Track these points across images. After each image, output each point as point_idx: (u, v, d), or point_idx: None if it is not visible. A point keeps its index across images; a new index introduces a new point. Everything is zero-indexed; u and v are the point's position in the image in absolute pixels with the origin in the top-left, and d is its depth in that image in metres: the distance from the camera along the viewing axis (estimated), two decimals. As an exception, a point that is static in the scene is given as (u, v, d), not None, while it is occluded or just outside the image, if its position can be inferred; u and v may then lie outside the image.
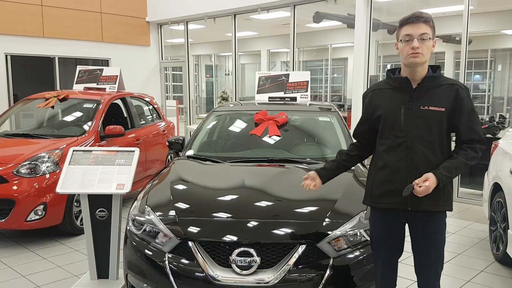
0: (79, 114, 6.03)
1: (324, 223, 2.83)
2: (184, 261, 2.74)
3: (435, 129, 2.36)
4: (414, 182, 2.28)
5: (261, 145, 4.17)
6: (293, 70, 8.97)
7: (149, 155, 6.45)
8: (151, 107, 7.28)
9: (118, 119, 6.46)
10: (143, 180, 5.98)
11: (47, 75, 10.02)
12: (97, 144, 5.38)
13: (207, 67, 20.62)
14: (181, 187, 3.42)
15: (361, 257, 2.76)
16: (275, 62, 18.04)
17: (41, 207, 4.61)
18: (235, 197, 3.22)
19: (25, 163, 4.66)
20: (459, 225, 5.46)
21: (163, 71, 11.94)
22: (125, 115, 6.57)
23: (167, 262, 2.76)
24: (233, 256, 2.66)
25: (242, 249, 2.67)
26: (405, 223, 2.49)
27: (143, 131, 6.55)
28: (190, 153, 4.15)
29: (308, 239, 2.73)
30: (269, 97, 5.18)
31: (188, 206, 3.10)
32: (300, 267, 2.66)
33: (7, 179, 4.54)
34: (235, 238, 2.74)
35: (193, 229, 2.83)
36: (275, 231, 2.79)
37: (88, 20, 10.26)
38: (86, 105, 6.08)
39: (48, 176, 4.69)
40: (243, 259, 2.65)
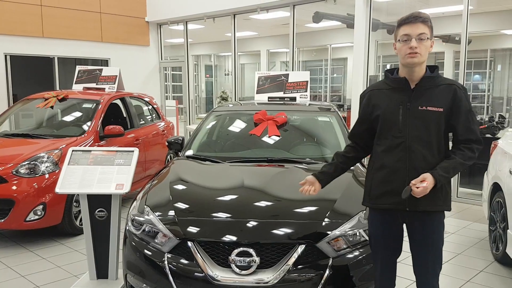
0: (78, 114, 6.03)
1: (323, 223, 2.83)
2: (183, 261, 2.74)
3: (433, 129, 2.36)
4: (411, 182, 2.28)
5: (260, 145, 4.16)
6: (292, 70, 8.98)
7: (148, 155, 6.45)
8: (150, 107, 7.27)
9: (117, 119, 6.46)
10: (142, 180, 5.97)
11: (47, 75, 10.02)
12: (97, 144, 5.38)
13: (207, 67, 20.63)
14: (180, 187, 3.41)
15: (360, 257, 2.76)
16: (275, 62, 18.04)
17: (41, 207, 4.61)
18: (234, 197, 3.21)
19: (24, 163, 4.66)
20: (458, 225, 5.46)
21: (163, 71, 11.94)
22: (125, 115, 6.57)
23: (166, 262, 2.76)
24: (233, 256, 2.66)
25: (241, 249, 2.67)
26: (403, 223, 2.49)
27: (143, 131, 6.54)
28: (189, 153, 4.14)
29: (307, 239, 2.73)
30: (269, 97, 5.17)
31: (187, 206, 3.10)
32: (299, 267, 2.66)
33: (6, 179, 4.54)
34: (234, 238, 2.74)
35: (192, 229, 2.83)
36: (275, 231, 2.79)
37: (87, 20, 10.26)
38: (85, 105, 6.08)
39: (47, 176, 4.69)
40: (242, 259, 2.65)
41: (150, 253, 2.86)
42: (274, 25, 12.42)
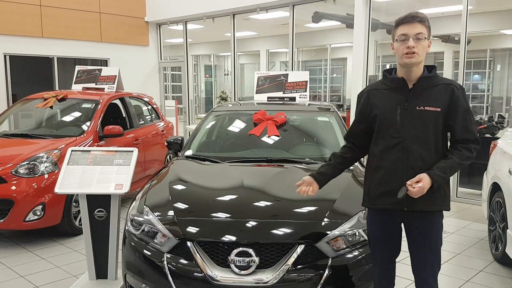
0: (77, 114, 6.02)
1: (323, 223, 2.83)
2: (182, 261, 2.74)
3: (431, 129, 2.36)
4: (406, 183, 2.28)
5: (260, 145, 4.16)
6: (292, 70, 8.98)
7: (148, 155, 6.45)
8: (150, 107, 7.27)
9: (117, 119, 6.45)
10: (142, 180, 5.97)
11: (46, 75, 10.01)
12: (96, 144, 5.37)
13: (206, 67, 20.64)
14: (179, 187, 3.41)
15: (359, 257, 2.76)
16: (274, 62, 18.05)
17: (40, 207, 4.61)
18: (234, 197, 3.21)
19: (23, 163, 4.65)
20: (458, 225, 5.46)
21: (162, 71, 11.94)
22: (124, 115, 6.57)
23: (165, 262, 2.76)
24: (232, 256, 2.66)
25: (240, 249, 2.67)
26: (402, 223, 2.49)
27: (142, 131, 6.54)
28: (189, 153, 4.14)
29: (307, 239, 2.73)
30: (268, 97, 5.17)
31: (186, 206, 3.10)
32: (299, 267, 2.66)
33: (5, 179, 4.54)
34: (233, 238, 2.74)
35: (191, 229, 2.83)
36: (274, 231, 2.78)
37: (87, 20, 10.25)
38: (84, 105, 6.07)
39: (46, 176, 4.69)
40: (241, 259, 2.65)
41: (149, 253, 2.86)
42: (273, 25, 12.42)
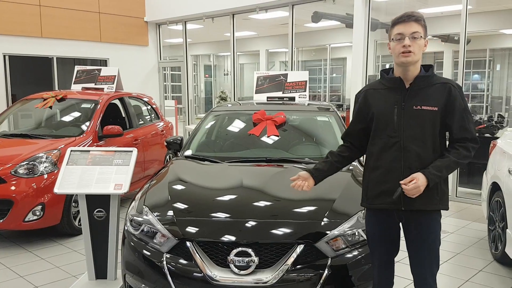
0: (77, 114, 6.02)
1: (322, 223, 2.83)
2: (182, 261, 2.74)
3: (429, 129, 2.36)
4: (400, 182, 2.29)
5: (259, 145, 4.16)
6: (291, 70, 8.98)
7: (147, 155, 6.45)
8: (149, 107, 7.27)
9: (116, 119, 6.45)
10: (141, 180, 5.97)
11: (46, 75, 10.01)
12: (95, 144, 5.37)
13: (206, 67, 20.64)
14: (179, 187, 3.41)
15: (359, 257, 2.76)
16: (274, 62, 18.06)
17: (39, 207, 4.60)
18: (233, 197, 3.21)
19: (23, 164, 4.65)
20: (457, 224, 5.46)
21: (162, 71, 11.93)
22: (123, 115, 6.56)
23: (165, 262, 2.76)
24: (231, 256, 2.66)
25: (240, 249, 2.67)
26: (400, 223, 2.49)
27: (142, 131, 6.54)
28: (188, 153, 4.14)
29: (306, 239, 2.73)
30: (268, 97, 5.17)
31: (186, 206, 3.09)
32: (298, 267, 2.66)
33: (5, 179, 4.53)
34: (233, 238, 2.73)
35: (191, 229, 2.82)
36: (273, 231, 2.78)
37: (86, 20, 10.25)
38: (84, 105, 6.07)
39: (46, 176, 4.69)
40: (241, 259, 2.64)
41: (148, 253, 2.86)
42: (273, 25, 12.42)
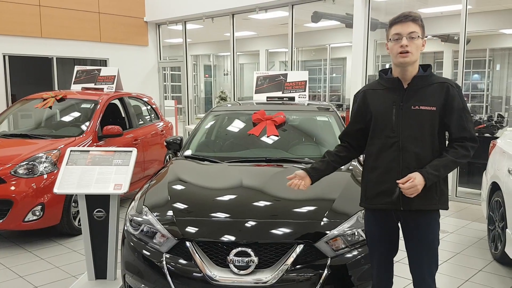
0: (77, 114, 6.02)
1: (322, 223, 2.83)
2: (181, 261, 2.74)
3: (427, 129, 2.35)
4: (397, 181, 2.29)
5: (259, 145, 4.16)
6: (291, 70, 8.97)
7: (147, 155, 6.45)
8: (149, 107, 7.27)
9: (116, 119, 6.45)
10: (141, 180, 5.97)
11: (45, 75, 10.01)
12: (95, 144, 5.37)
13: (206, 67, 20.65)
14: (179, 187, 3.41)
15: (358, 257, 2.76)
16: (274, 62, 18.06)
17: (39, 207, 4.60)
18: (233, 197, 3.21)
19: (22, 164, 4.65)
20: (457, 224, 5.46)
21: (162, 71, 11.93)
22: (123, 115, 6.56)
23: (164, 262, 2.76)
24: (231, 256, 2.65)
25: (240, 249, 2.67)
26: (399, 222, 2.49)
27: (141, 131, 6.53)
28: (188, 153, 4.14)
29: (306, 239, 2.73)
30: (267, 97, 5.17)
31: (186, 206, 3.09)
32: (298, 267, 2.66)
33: (4, 179, 4.53)
34: (233, 238, 2.73)
35: (190, 229, 2.82)
36: (273, 231, 2.78)
37: (86, 20, 10.25)
38: (84, 105, 6.07)
39: (46, 176, 4.68)
40: (240, 259, 2.64)
41: (148, 253, 2.85)
42: (273, 24, 12.42)
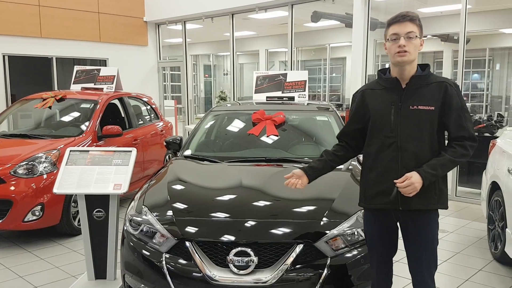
0: (76, 114, 6.02)
1: (321, 223, 2.83)
2: (181, 261, 2.73)
3: (426, 128, 2.35)
4: (394, 181, 2.29)
5: (259, 144, 4.16)
6: (291, 69, 8.97)
7: (146, 155, 6.44)
8: (149, 107, 7.26)
9: (115, 119, 6.45)
10: (141, 180, 5.96)
11: (45, 75, 10.00)
12: (95, 144, 5.37)
13: (206, 67, 20.64)
14: (178, 187, 3.41)
15: (358, 257, 2.76)
16: (274, 61, 18.06)
17: (39, 207, 4.60)
18: (232, 197, 3.21)
19: (22, 164, 4.65)
20: (457, 224, 5.46)
21: (161, 71, 11.93)
22: (123, 115, 6.56)
23: (164, 262, 2.76)
24: (231, 256, 2.65)
25: (239, 249, 2.67)
26: (398, 222, 2.49)
27: (141, 131, 6.53)
28: (187, 153, 4.14)
29: (305, 239, 2.73)
30: (267, 97, 5.17)
31: (185, 206, 3.09)
32: (297, 266, 2.66)
33: (4, 179, 4.53)
34: (232, 238, 2.73)
35: (190, 229, 2.82)
36: (273, 231, 2.78)
37: (85, 20, 10.25)
38: (83, 105, 6.07)
39: (45, 176, 4.68)
40: (240, 259, 2.64)
41: (148, 253, 2.85)
42: (272, 24, 12.42)
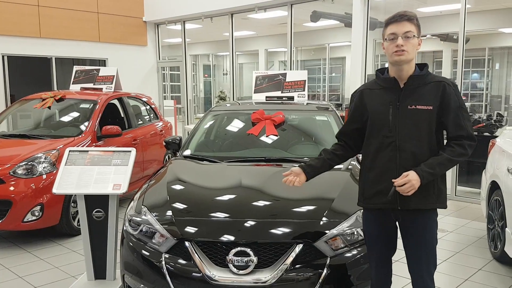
0: (76, 114, 6.02)
1: (321, 222, 2.83)
2: (181, 261, 2.73)
3: (424, 128, 2.35)
4: (392, 180, 2.29)
5: (258, 144, 4.16)
6: (290, 69, 8.97)
7: (146, 155, 6.44)
8: (148, 107, 7.26)
9: (115, 119, 6.44)
10: (140, 180, 5.96)
11: (44, 75, 10.00)
12: (94, 144, 5.37)
13: (205, 66, 20.64)
14: (178, 187, 3.41)
15: (358, 256, 2.76)
16: (273, 61, 18.05)
17: (38, 207, 4.60)
18: (232, 196, 3.21)
19: (21, 164, 4.65)
20: (457, 223, 5.46)
21: (161, 71, 11.93)
22: (122, 115, 6.55)
23: (164, 262, 2.75)
24: (230, 256, 2.65)
25: (239, 248, 2.66)
26: (397, 221, 2.49)
27: (140, 131, 6.53)
28: (187, 153, 4.14)
29: (305, 238, 2.73)
30: (267, 97, 5.16)
31: (185, 206, 3.09)
32: (297, 266, 2.66)
33: (4, 180, 4.53)
34: (232, 238, 2.73)
35: (189, 229, 2.82)
36: (272, 231, 2.78)
37: (85, 20, 10.24)
38: (83, 105, 6.07)
39: (45, 176, 4.68)
40: (240, 258, 2.64)
41: (147, 254, 2.85)
42: (272, 24, 12.42)
